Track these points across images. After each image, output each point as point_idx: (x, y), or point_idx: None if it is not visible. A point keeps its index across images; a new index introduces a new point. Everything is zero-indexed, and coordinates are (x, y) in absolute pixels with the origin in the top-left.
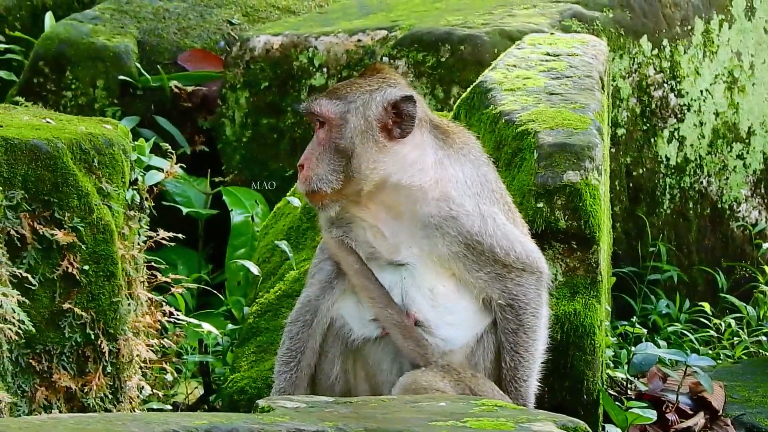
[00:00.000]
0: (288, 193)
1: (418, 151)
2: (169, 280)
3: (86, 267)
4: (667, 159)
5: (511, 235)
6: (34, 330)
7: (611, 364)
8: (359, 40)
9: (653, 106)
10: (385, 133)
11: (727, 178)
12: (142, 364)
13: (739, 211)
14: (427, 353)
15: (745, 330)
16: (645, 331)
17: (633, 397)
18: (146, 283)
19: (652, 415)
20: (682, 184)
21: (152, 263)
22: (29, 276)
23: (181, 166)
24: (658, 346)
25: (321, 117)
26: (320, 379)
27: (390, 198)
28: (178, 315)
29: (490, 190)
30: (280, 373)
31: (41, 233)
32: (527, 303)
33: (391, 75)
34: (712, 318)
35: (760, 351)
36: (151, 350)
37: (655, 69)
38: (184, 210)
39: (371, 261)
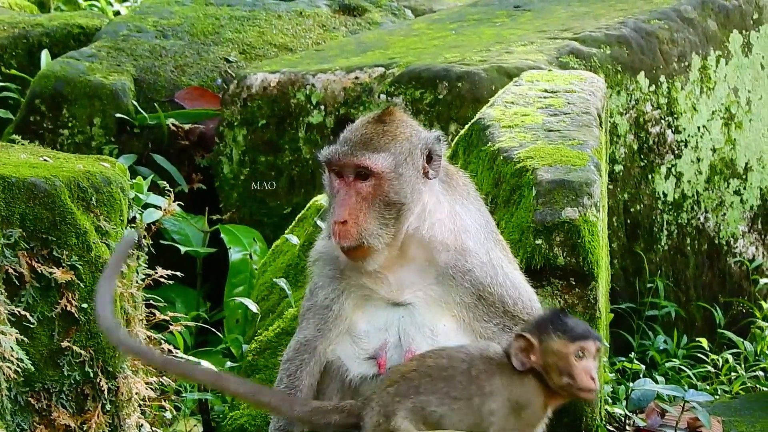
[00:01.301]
0: (287, 231)
1: (434, 197)
2: (167, 318)
3: (85, 305)
4: (665, 195)
5: (518, 283)
6: (32, 368)
7: (610, 400)
8: (357, 78)
9: (650, 142)
10: (424, 178)
11: (725, 214)
12: (141, 402)
13: (737, 247)
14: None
15: (743, 365)
16: (643, 366)
17: None
18: (145, 321)
19: None
20: (679, 220)
21: (151, 301)
22: (28, 314)
23: (179, 204)
24: (656, 382)
25: (373, 171)
26: None
27: (408, 249)
28: (176, 353)
29: (491, 231)
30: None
31: (39, 271)
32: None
33: (408, 117)
34: (709, 353)
35: (758, 386)
36: (150, 388)
37: (652, 105)
38: (183, 248)
39: (367, 300)
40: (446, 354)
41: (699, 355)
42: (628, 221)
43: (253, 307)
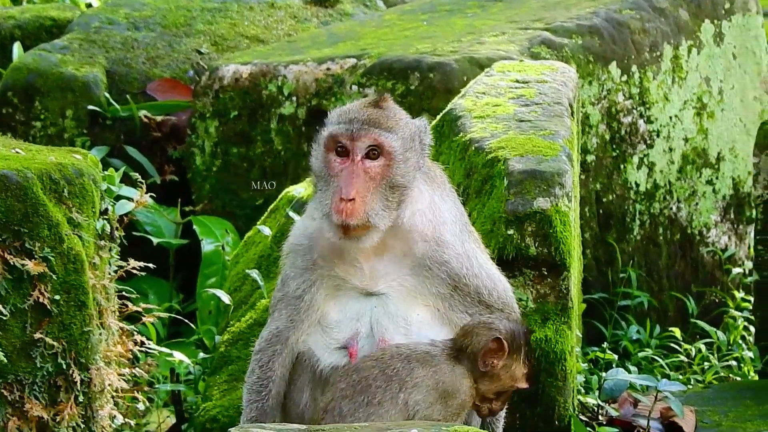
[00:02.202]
0: (259, 222)
1: (416, 187)
2: (140, 310)
3: (57, 297)
4: (637, 185)
5: (493, 274)
6: (5, 360)
7: (582, 390)
8: (328, 69)
9: (623, 132)
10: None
11: (697, 203)
12: (114, 394)
13: (709, 237)
14: None
15: (716, 355)
16: (616, 356)
17: (604, 423)
18: (117, 313)
19: None
20: (651, 210)
21: (123, 293)
22: (0, 306)
23: (151, 196)
24: (629, 372)
25: (386, 150)
26: (290, 407)
27: (386, 237)
28: (149, 344)
29: (465, 223)
30: (251, 402)
31: (12, 263)
32: (517, 320)
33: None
34: (682, 343)
35: (731, 376)
36: (123, 379)
37: (624, 95)
38: (155, 240)
39: (339, 290)
40: (355, 368)
41: (672, 344)
42: (601, 211)
43: (226, 299)
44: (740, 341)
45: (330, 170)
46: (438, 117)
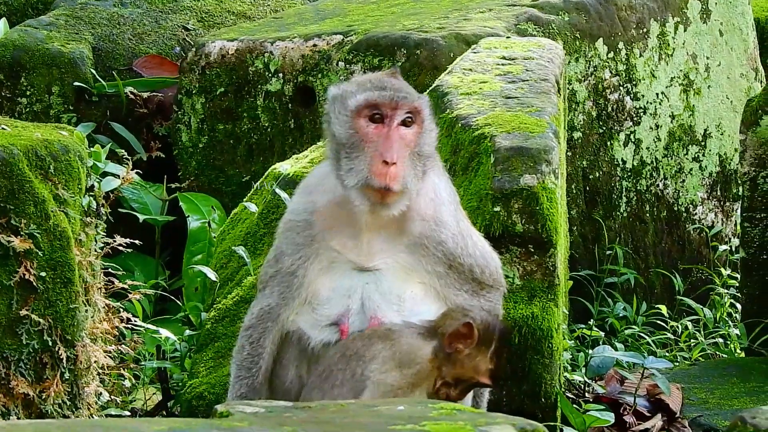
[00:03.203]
0: (245, 199)
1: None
2: (126, 287)
3: (43, 274)
4: (624, 162)
5: (486, 252)
6: None
7: (569, 367)
8: (315, 45)
9: (609, 109)
10: None
11: (684, 180)
12: (100, 371)
13: (696, 214)
14: None
15: (702, 332)
16: (602, 334)
17: (591, 400)
18: (103, 290)
19: (609, 417)
20: (638, 187)
21: (109, 270)
22: None
23: (137, 173)
24: (616, 349)
25: (423, 117)
26: (276, 384)
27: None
28: (135, 321)
29: (457, 203)
30: (241, 378)
31: None
32: (498, 317)
33: None
34: (669, 320)
35: (717, 353)
36: (109, 356)
37: (611, 72)
38: (141, 217)
39: (333, 266)
40: (322, 361)
41: (658, 322)
42: (587, 188)
43: (212, 276)
44: (727, 318)
45: (363, 136)
46: (424, 94)
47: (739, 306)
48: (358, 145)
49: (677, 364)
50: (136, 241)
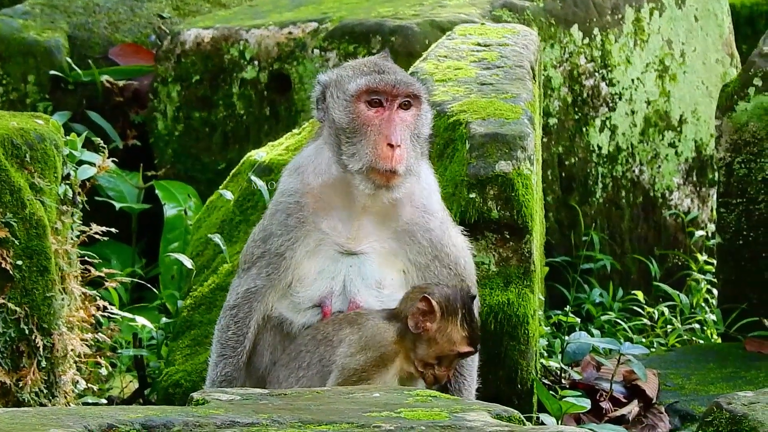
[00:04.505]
0: (221, 186)
1: None
2: (102, 275)
3: (19, 262)
4: (599, 148)
5: (467, 247)
6: None
7: (545, 354)
8: (290, 33)
9: (585, 95)
10: None
11: (659, 166)
12: (77, 359)
13: (672, 200)
14: None
15: (679, 318)
16: (578, 320)
17: (567, 386)
18: (80, 278)
19: (586, 403)
20: (614, 173)
21: (86, 258)
22: None
23: (113, 161)
24: (592, 335)
25: (421, 100)
26: (250, 371)
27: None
28: (112, 309)
29: (440, 192)
30: (225, 357)
31: None
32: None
33: None
34: (645, 306)
35: (693, 339)
36: (86, 345)
37: (586, 58)
38: (117, 205)
39: (320, 248)
40: (295, 342)
41: (635, 308)
42: (563, 174)
43: (188, 263)
44: (703, 304)
45: (364, 121)
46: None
47: (715, 291)
48: (360, 129)
49: (653, 350)
50: (113, 230)
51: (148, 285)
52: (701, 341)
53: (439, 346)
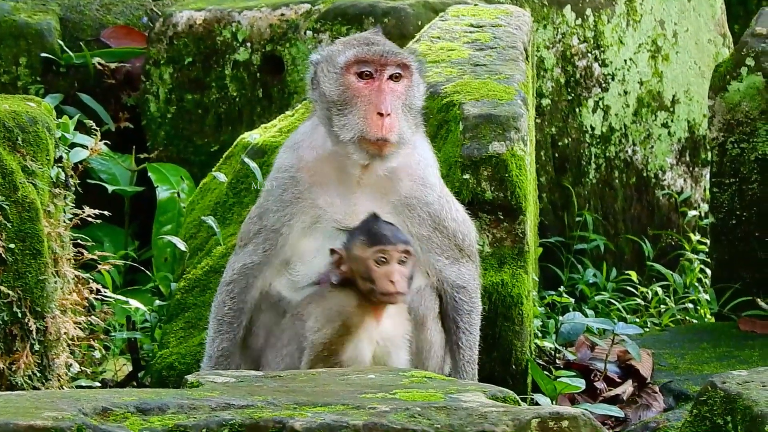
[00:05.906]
0: (214, 168)
1: None
2: (95, 258)
3: (12, 245)
4: (592, 129)
5: (467, 220)
6: None
7: (539, 334)
8: (283, 14)
9: (578, 76)
10: None
11: (652, 146)
12: (70, 342)
13: (665, 180)
14: None
15: (672, 297)
16: (572, 300)
17: (561, 367)
18: (73, 261)
19: (580, 383)
20: (607, 154)
21: (78, 241)
22: None
23: (105, 143)
24: (586, 316)
25: (412, 71)
26: (246, 352)
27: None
28: (105, 292)
29: (438, 167)
30: (223, 333)
31: None
32: (476, 287)
33: None
34: (639, 286)
35: (687, 318)
36: (79, 328)
37: (578, 39)
38: (110, 187)
39: (317, 224)
40: (282, 321)
41: (628, 288)
42: (556, 155)
43: (182, 246)
44: (696, 284)
45: (354, 91)
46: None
47: (708, 271)
48: (350, 100)
49: (647, 329)
50: (105, 212)
51: (142, 268)
52: (695, 321)
53: (360, 272)
